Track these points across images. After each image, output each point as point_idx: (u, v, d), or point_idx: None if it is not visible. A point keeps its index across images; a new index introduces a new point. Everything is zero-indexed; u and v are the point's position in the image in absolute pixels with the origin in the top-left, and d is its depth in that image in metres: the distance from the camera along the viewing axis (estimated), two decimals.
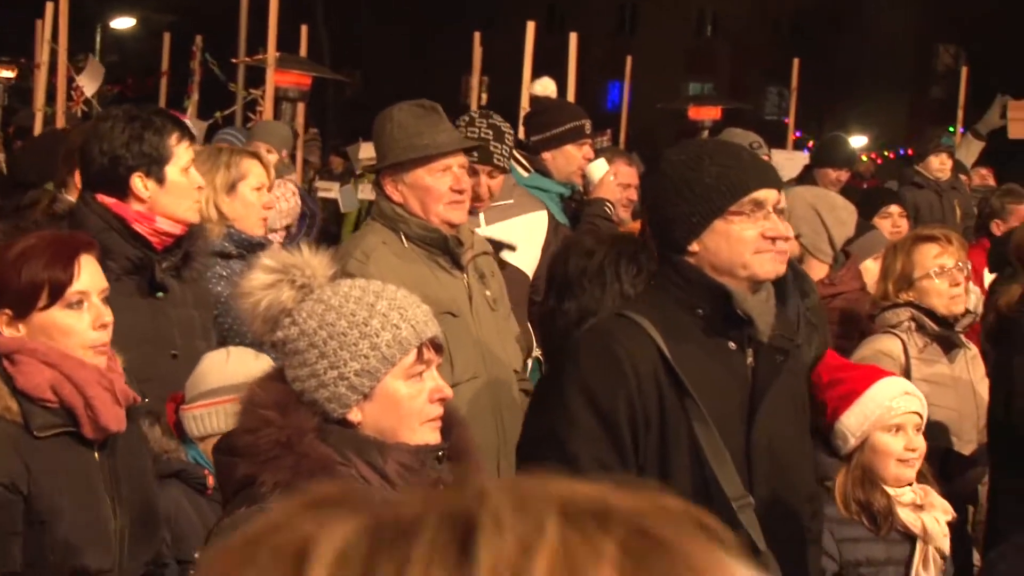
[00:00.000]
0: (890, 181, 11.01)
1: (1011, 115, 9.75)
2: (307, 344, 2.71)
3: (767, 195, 3.27)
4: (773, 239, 3.25)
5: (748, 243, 3.24)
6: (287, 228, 7.27)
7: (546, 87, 6.84)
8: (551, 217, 5.75)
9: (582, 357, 3.31)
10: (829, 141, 10.01)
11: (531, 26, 10.22)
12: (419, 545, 0.71)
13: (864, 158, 15.46)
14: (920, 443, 3.90)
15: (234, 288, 2.91)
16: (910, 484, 3.86)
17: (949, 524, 3.86)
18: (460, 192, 4.50)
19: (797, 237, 5.64)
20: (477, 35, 12.25)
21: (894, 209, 7.24)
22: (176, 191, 4.34)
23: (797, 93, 14.69)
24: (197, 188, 4.44)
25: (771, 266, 3.27)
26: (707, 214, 3.26)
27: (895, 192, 8.32)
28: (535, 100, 6.73)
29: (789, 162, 12.10)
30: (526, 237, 5.44)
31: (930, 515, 3.81)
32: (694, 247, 3.29)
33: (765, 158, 7.00)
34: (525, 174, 6.03)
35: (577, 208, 6.22)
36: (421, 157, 4.47)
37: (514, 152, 6.00)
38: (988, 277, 6.86)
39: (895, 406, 3.88)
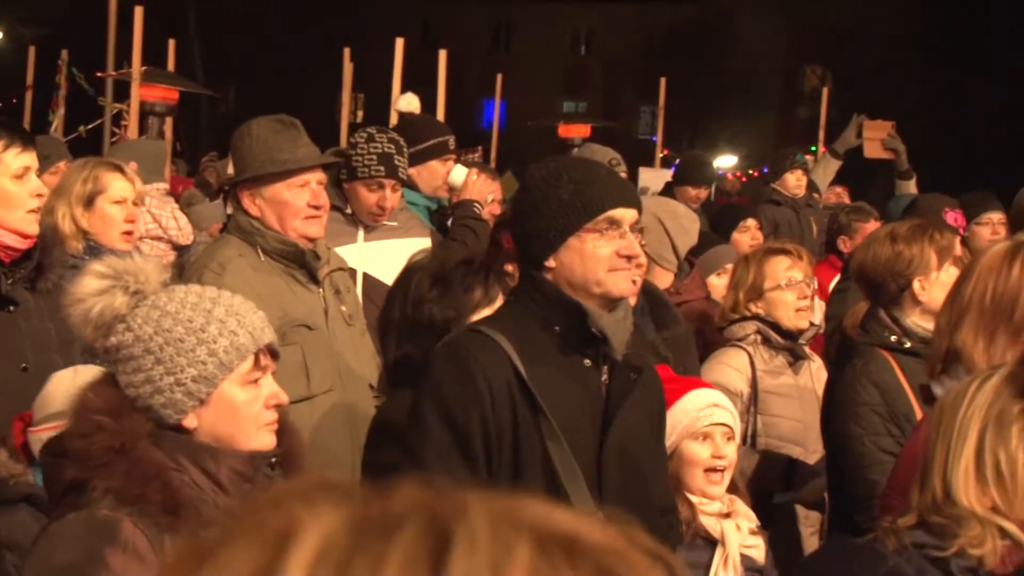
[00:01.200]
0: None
1: (866, 135, 9.98)
2: (142, 350, 2.69)
3: (623, 214, 3.28)
4: (628, 257, 3.26)
5: (602, 261, 3.25)
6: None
7: (410, 103, 6.89)
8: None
9: (437, 371, 3.31)
10: (689, 159, 10.15)
11: (400, 43, 10.25)
12: (397, 548, 0.72)
13: (730, 176, 15.71)
14: (729, 452, 3.94)
15: (63, 295, 2.88)
16: (719, 496, 3.92)
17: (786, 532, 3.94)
18: (317, 208, 4.51)
19: (642, 246, 5.74)
20: (347, 51, 12.24)
21: (751, 223, 7.40)
22: (6, 201, 4.23)
23: (664, 112, 14.90)
24: (35, 196, 4.29)
25: (625, 284, 3.28)
26: (562, 231, 3.27)
27: (751, 207, 8.51)
28: (400, 116, 6.78)
29: (656, 180, 12.29)
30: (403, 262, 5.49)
31: (732, 522, 3.89)
32: (551, 263, 3.30)
33: (623, 175, 7.13)
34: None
35: (444, 219, 6.28)
36: (280, 172, 4.47)
37: None
38: None
39: (702, 416, 3.94)
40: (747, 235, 7.25)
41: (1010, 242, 2.94)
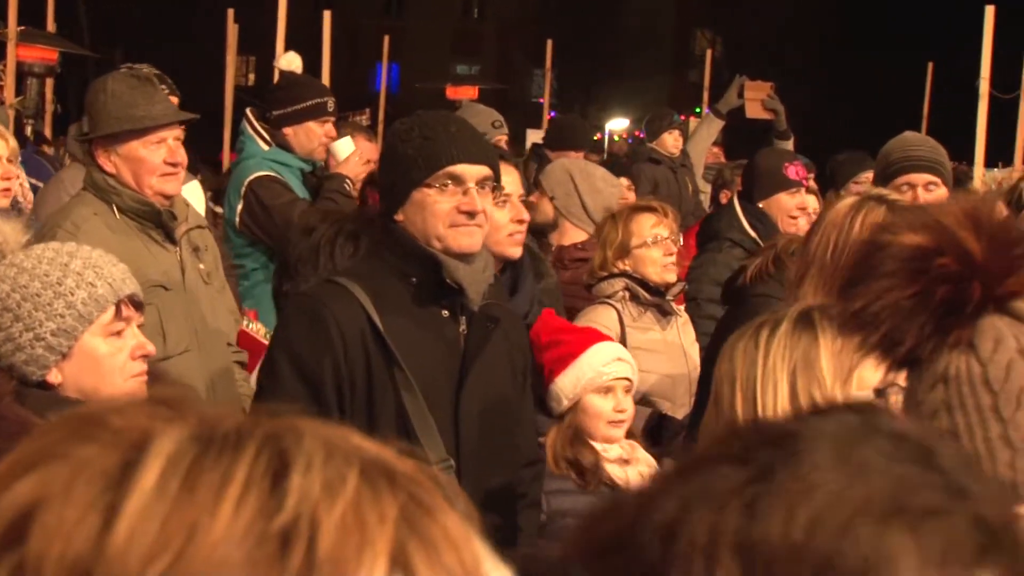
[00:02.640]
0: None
1: (747, 95, 10.06)
2: (1, 308, 2.69)
3: (465, 170, 3.28)
4: (469, 214, 3.28)
5: (442, 216, 3.27)
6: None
7: (291, 62, 6.82)
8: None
9: (290, 321, 3.33)
10: (562, 123, 10.10)
11: (283, 3, 10.13)
12: (240, 466, 0.76)
13: (617, 138, 15.80)
14: (629, 405, 4.04)
15: None
16: (619, 439, 4.01)
17: None
18: (175, 164, 4.46)
19: (552, 199, 5.80)
20: (230, 12, 12.09)
21: (623, 181, 7.46)
22: None
23: (555, 74, 14.96)
24: None
25: (466, 240, 3.29)
26: (406, 185, 3.30)
27: (626, 166, 8.59)
28: (281, 75, 6.69)
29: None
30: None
31: (635, 468, 3.96)
32: (399, 216, 3.33)
33: (502, 138, 7.14)
34: (265, 147, 6.04)
35: (317, 184, 6.24)
36: (136, 129, 4.42)
37: (256, 125, 6.08)
38: None
39: (607, 371, 4.02)
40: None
41: (856, 197, 2.99)
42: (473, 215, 3.28)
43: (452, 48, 45.94)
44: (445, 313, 3.34)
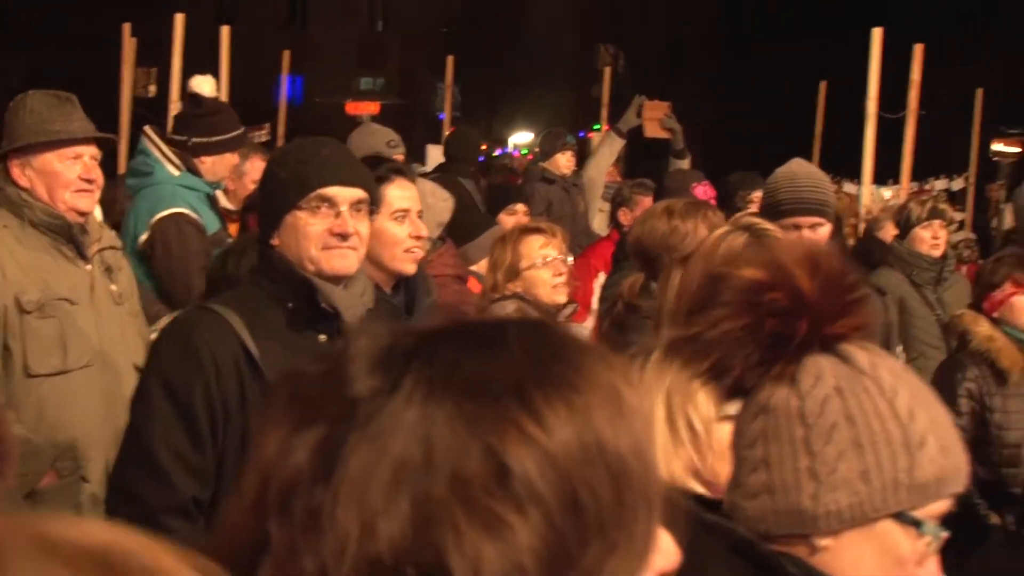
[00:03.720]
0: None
1: (645, 115, 10.20)
2: None
3: (338, 192, 3.32)
4: (343, 236, 3.31)
5: (314, 238, 3.30)
6: None
7: (201, 84, 6.68)
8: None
9: (163, 348, 3.34)
10: (455, 137, 10.10)
11: (179, 18, 10.09)
12: None
13: (516, 154, 15.89)
14: None
15: None
16: None
17: None
18: (90, 181, 4.53)
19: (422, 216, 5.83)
20: (127, 27, 12.00)
21: (519, 208, 7.52)
22: None
23: (457, 89, 14.97)
24: None
25: (339, 262, 3.32)
26: (280, 208, 3.34)
27: (523, 189, 8.65)
28: (202, 101, 6.54)
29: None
30: None
31: None
32: (275, 241, 3.36)
33: (399, 157, 7.17)
34: (175, 172, 5.97)
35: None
36: (52, 142, 4.48)
37: (164, 148, 6.03)
38: None
39: None
40: (514, 218, 7.37)
41: (726, 227, 3.06)
42: (346, 237, 3.31)
43: (357, 60, 45.74)
44: (323, 338, 3.34)
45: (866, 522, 1.71)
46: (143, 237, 5.76)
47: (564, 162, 9.46)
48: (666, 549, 1.10)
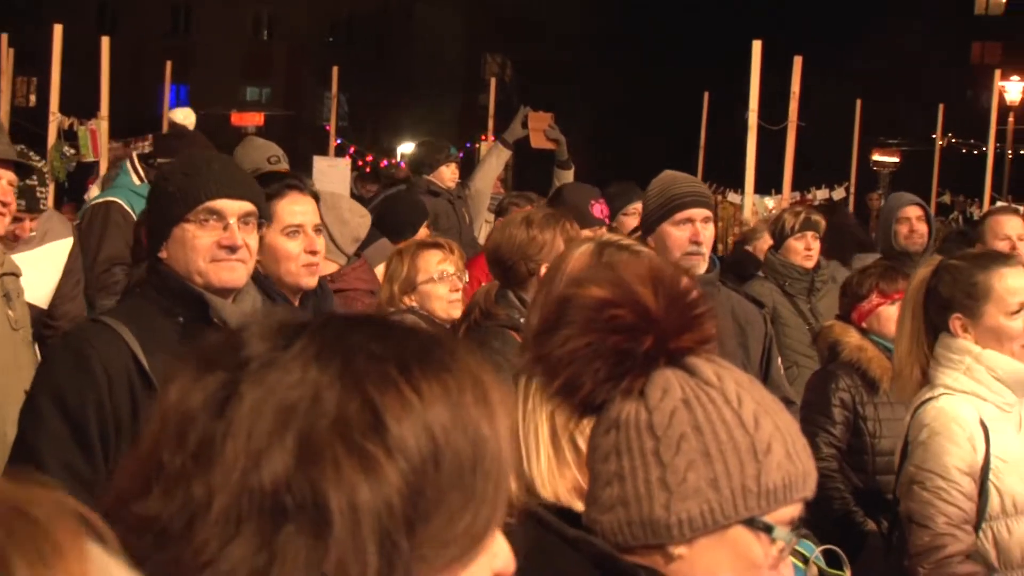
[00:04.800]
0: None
1: (531, 126, 10.26)
2: None
3: (225, 205, 3.34)
4: (230, 248, 3.33)
5: (201, 251, 3.31)
6: None
7: (187, 116, 7.75)
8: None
9: (54, 361, 3.32)
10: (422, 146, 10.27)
11: (58, 29, 9.96)
12: None
13: (403, 165, 15.89)
14: None
15: None
16: None
17: None
18: (3, 204, 4.46)
19: (320, 231, 5.83)
20: (4, 37, 11.81)
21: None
22: None
23: (343, 99, 14.96)
24: None
25: (227, 275, 3.33)
26: (168, 221, 3.34)
27: (416, 199, 8.68)
28: (172, 125, 7.74)
29: (332, 169, 12.29)
30: (49, 263, 5.67)
31: None
32: (163, 254, 3.36)
33: (282, 170, 7.16)
34: (138, 182, 6.83)
35: None
36: None
37: (136, 163, 7.04)
38: None
39: None
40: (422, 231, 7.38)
41: (594, 243, 3.09)
42: (234, 250, 3.32)
43: (242, 70, 45.36)
44: None
45: (718, 529, 1.77)
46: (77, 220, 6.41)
47: (448, 174, 9.49)
48: (504, 553, 1.18)
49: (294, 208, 4.07)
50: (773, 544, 1.80)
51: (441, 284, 5.19)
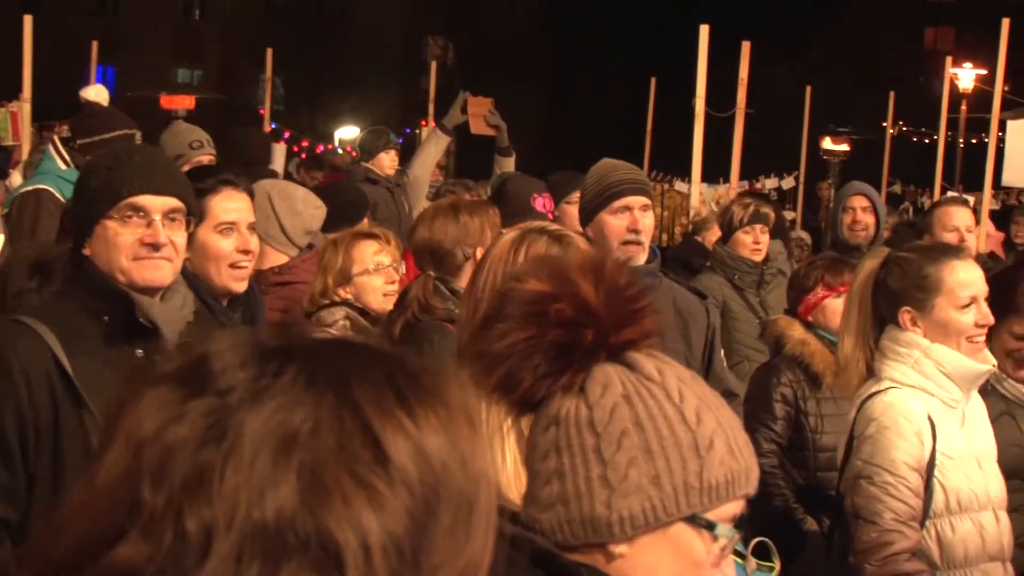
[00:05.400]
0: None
1: (471, 111, 10.25)
2: None
3: (149, 201, 3.29)
4: (154, 246, 3.28)
5: (124, 249, 3.27)
6: None
7: (99, 93, 7.61)
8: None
9: None
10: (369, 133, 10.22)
11: None
12: None
13: (341, 151, 15.84)
14: None
15: None
16: None
17: None
18: None
19: (254, 229, 5.81)
20: None
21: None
22: None
23: (278, 82, 14.89)
24: None
25: (151, 273, 3.29)
26: (91, 217, 3.29)
27: (358, 188, 8.67)
28: (86, 104, 7.48)
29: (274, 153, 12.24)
30: None
31: None
32: (87, 250, 3.31)
33: (204, 158, 7.13)
34: (63, 167, 6.75)
35: None
36: None
37: (60, 147, 6.91)
38: None
39: None
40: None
41: (517, 231, 3.10)
42: (158, 247, 3.28)
43: (172, 52, 44.98)
44: (140, 353, 3.27)
45: (660, 526, 1.79)
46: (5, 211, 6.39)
47: (388, 162, 9.48)
48: None
49: (228, 205, 4.03)
50: (715, 541, 1.82)
51: (377, 276, 5.17)
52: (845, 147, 26.11)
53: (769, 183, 18.69)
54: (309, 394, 1.07)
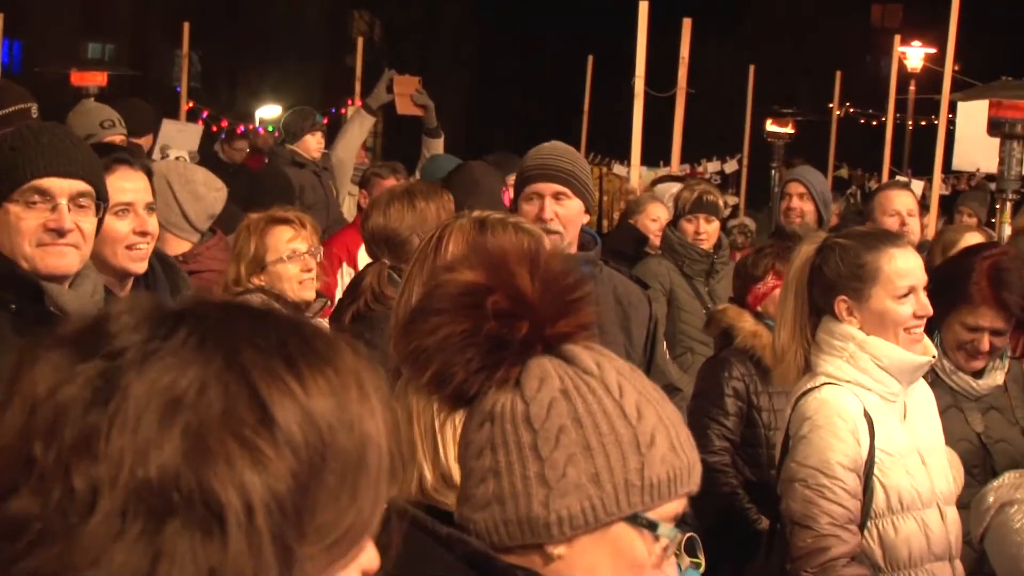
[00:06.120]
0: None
1: (396, 90, 10.22)
2: None
3: (54, 184, 3.26)
4: (58, 232, 3.25)
5: (27, 234, 3.24)
6: None
7: None
8: None
9: None
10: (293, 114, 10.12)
11: None
12: None
13: (270, 127, 15.73)
14: None
15: None
16: None
17: None
18: None
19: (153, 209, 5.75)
20: None
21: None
22: None
23: (196, 59, 14.74)
24: None
25: (55, 260, 3.27)
26: None
27: (286, 175, 8.64)
28: None
29: (181, 134, 12.14)
30: None
31: None
32: None
33: (116, 138, 7.07)
34: None
35: None
36: None
37: None
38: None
39: None
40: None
41: (470, 218, 3.09)
42: (63, 233, 3.25)
43: (83, 24, 44.41)
44: None
45: (599, 526, 1.79)
46: None
47: (314, 144, 9.44)
48: (370, 551, 1.23)
49: (123, 185, 3.95)
50: (657, 542, 1.82)
51: (292, 263, 5.15)
52: (790, 129, 26.27)
53: (711, 166, 18.79)
54: (198, 357, 1.14)
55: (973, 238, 6.78)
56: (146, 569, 1.07)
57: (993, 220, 11.91)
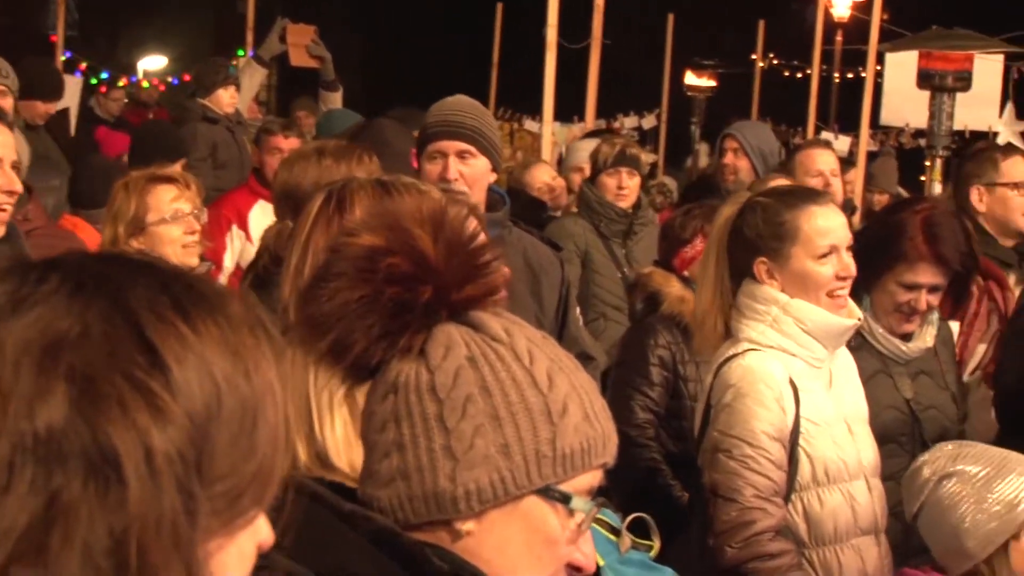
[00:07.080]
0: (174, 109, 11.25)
1: (290, 40, 10.13)
2: None
3: None
4: None
5: None
6: None
7: None
8: None
9: None
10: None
11: None
12: None
13: (146, 84, 15.55)
14: None
15: None
16: None
17: None
18: None
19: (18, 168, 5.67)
20: None
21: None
22: None
23: (64, 5, 14.46)
24: None
25: None
26: None
27: (172, 130, 8.54)
28: None
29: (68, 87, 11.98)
30: None
31: None
32: None
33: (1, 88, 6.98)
34: None
35: None
36: None
37: None
38: None
39: None
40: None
41: (340, 183, 3.08)
42: None
43: None
44: None
45: (510, 500, 1.80)
46: None
47: (227, 98, 9.33)
48: (263, 525, 1.23)
49: None
50: (571, 516, 1.83)
51: (175, 225, 5.09)
52: (711, 82, 26.40)
53: (628, 122, 18.87)
54: (76, 300, 1.12)
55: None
56: (41, 528, 1.07)
57: (922, 179, 12.08)
